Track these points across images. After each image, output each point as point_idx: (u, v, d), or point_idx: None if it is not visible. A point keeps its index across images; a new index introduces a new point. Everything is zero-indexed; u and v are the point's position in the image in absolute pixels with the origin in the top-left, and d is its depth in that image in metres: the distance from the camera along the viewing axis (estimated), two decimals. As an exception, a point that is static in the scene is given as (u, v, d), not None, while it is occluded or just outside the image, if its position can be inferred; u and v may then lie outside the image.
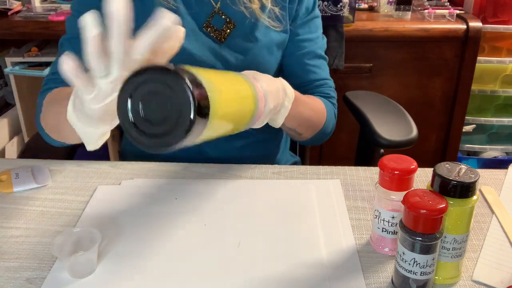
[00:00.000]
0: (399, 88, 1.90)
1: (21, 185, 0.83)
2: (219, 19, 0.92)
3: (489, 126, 2.08)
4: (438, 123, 1.98)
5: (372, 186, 0.85)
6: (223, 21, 0.93)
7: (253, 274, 0.66)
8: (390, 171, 0.65)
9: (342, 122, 1.16)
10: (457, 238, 0.62)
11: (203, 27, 0.92)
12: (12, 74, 1.89)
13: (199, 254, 0.69)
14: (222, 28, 0.92)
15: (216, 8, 0.92)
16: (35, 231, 0.74)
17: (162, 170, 0.89)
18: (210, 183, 0.85)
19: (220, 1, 0.92)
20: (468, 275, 0.66)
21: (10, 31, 1.80)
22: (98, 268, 0.67)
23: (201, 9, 0.92)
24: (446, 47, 1.85)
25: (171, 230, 0.74)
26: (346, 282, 0.64)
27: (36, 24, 1.79)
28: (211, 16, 0.92)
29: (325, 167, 0.90)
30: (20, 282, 0.64)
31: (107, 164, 0.91)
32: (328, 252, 0.70)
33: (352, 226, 0.75)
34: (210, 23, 0.92)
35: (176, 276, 0.65)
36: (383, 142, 1.05)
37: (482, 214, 0.79)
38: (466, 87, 1.90)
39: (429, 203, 0.58)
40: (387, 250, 0.70)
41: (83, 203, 0.80)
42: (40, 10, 1.92)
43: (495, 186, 0.86)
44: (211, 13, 0.92)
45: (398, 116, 1.15)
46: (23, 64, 1.89)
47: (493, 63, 1.95)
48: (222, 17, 0.92)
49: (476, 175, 0.61)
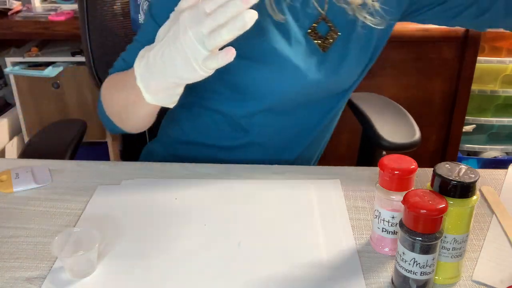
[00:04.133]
0: (399, 88, 1.90)
1: (21, 185, 0.83)
2: (324, 26, 0.89)
3: (489, 126, 2.08)
4: (438, 123, 1.98)
5: (372, 186, 0.85)
6: (327, 28, 0.89)
7: (253, 274, 0.66)
8: (390, 171, 0.65)
9: (343, 122, 1.15)
10: (457, 238, 0.62)
11: (307, 33, 0.88)
12: (12, 74, 1.89)
13: (199, 254, 0.69)
14: (326, 36, 0.89)
15: (323, 14, 0.88)
16: (35, 231, 0.74)
17: (162, 170, 0.89)
18: (210, 183, 0.85)
19: (327, 6, 0.88)
20: (468, 275, 0.66)
21: (10, 31, 1.81)
22: (98, 268, 0.67)
23: (306, 15, 0.88)
24: (446, 47, 1.85)
25: (171, 230, 0.74)
26: (346, 282, 0.64)
27: (36, 24, 1.79)
28: (317, 22, 0.88)
29: (325, 167, 0.90)
30: (20, 282, 0.64)
31: (107, 164, 0.91)
32: (328, 252, 0.70)
33: (352, 226, 0.75)
34: (315, 29, 0.88)
35: (176, 276, 0.65)
36: (386, 144, 1.05)
37: (482, 214, 0.79)
38: (466, 87, 1.90)
39: (429, 203, 0.58)
40: (387, 250, 0.70)
41: (83, 203, 0.80)
42: (40, 10, 1.92)
43: (495, 186, 0.86)
44: (317, 19, 0.88)
45: (400, 118, 1.15)
46: (23, 64, 1.89)
47: (493, 63, 1.95)
48: (328, 25, 0.88)
49: (476, 175, 0.61)
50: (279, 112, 0.93)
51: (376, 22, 0.89)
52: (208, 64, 0.63)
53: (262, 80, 0.87)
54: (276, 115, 0.93)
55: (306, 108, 0.94)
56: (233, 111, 0.93)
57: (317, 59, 0.89)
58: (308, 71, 0.88)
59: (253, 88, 0.88)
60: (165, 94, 0.72)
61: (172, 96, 0.73)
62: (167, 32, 0.67)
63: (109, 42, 1.13)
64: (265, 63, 0.86)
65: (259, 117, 0.92)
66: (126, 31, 1.16)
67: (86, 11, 1.08)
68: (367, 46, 0.93)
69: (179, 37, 0.64)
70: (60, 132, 1.14)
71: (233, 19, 0.59)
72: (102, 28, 1.12)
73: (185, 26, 0.63)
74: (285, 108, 0.92)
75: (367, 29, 0.91)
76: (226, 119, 0.94)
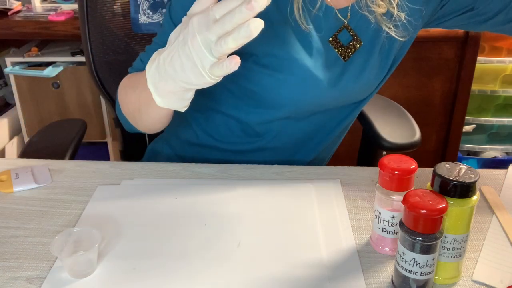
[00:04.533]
0: (399, 88, 1.90)
1: (21, 185, 0.83)
2: (346, 35, 0.88)
3: (489, 126, 2.08)
4: (438, 123, 1.98)
5: (372, 186, 0.85)
6: (350, 38, 0.88)
7: (253, 274, 0.66)
8: (390, 171, 0.65)
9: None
10: (457, 238, 0.62)
11: (328, 41, 0.87)
12: (12, 74, 1.89)
13: (199, 254, 0.69)
14: (348, 45, 0.88)
15: (345, 23, 0.87)
16: (35, 231, 0.74)
17: (162, 170, 0.89)
18: (210, 183, 0.85)
19: (350, 15, 0.87)
20: (468, 275, 0.66)
21: (10, 31, 1.81)
22: (98, 268, 0.67)
23: (329, 24, 0.87)
24: (446, 47, 1.85)
25: (171, 230, 0.74)
26: (346, 282, 0.64)
27: (36, 24, 1.80)
28: (339, 30, 0.87)
29: (325, 167, 0.90)
30: (20, 282, 0.64)
31: (107, 164, 0.91)
32: (328, 252, 0.70)
33: (352, 226, 0.75)
34: (337, 37, 0.87)
35: (176, 276, 0.65)
36: (386, 144, 1.05)
37: (482, 214, 0.79)
38: (466, 87, 1.90)
39: (429, 203, 0.58)
40: (387, 250, 0.70)
41: (83, 203, 0.80)
42: (40, 10, 1.92)
43: (495, 186, 0.86)
44: (340, 28, 0.87)
45: (400, 118, 1.15)
46: (23, 64, 1.89)
47: (493, 63, 1.95)
48: (350, 34, 0.88)
49: (476, 175, 0.61)
50: (295, 119, 0.92)
51: (400, 34, 0.88)
52: (214, 71, 0.63)
53: (281, 90, 0.86)
54: (292, 122, 0.92)
55: (323, 116, 0.94)
56: (249, 118, 0.92)
57: (339, 69, 0.88)
58: (328, 81, 0.87)
59: (272, 97, 0.87)
60: (175, 98, 0.72)
61: (183, 101, 0.73)
62: (177, 36, 0.67)
63: (109, 42, 1.14)
64: (285, 73, 0.85)
65: (275, 124, 0.92)
66: (126, 31, 1.16)
67: (86, 11, 1.08)
68: (388, 57, 0.92)
69: (188, 42, 0.63)
70: (60, 132, 1.14)
71: (238, 27, 0.59)
72: (102, 28, 1.12)
73: (194, 31, 0.63)
74: (301, 116, 0.92)
75: (390, 40, 0.90)
76: (241, 125, 0.93)
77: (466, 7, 0.92)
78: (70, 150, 1.03)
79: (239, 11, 0.58)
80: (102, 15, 1.11)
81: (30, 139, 1.10)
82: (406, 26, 0.89)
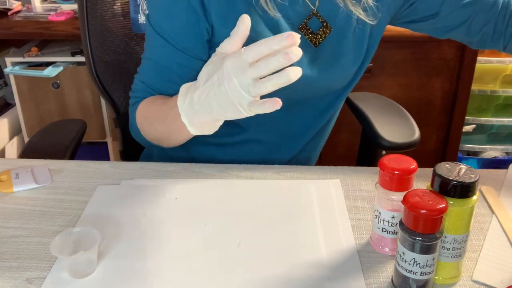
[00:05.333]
0: (399, 88, 1.90)
1: (21, 185, 0.83)
2: (316, 22, 0.90)
3: (489, 126, 2.08)
4: (438, 123, 1.98)
5: (372, 186, 0.85)
6: (319, 24, 0.90)
7: (253, 274, 0.66)
8: (390, 171, 0.65)
9: (342, 122, 1.16)
10: (457, 238, 0.62)
11: (298, 28, 0.89)
12: (12, 74, 1.89)
13: (199, 254, 0.69)
14: (318, 32, 0.90)
15: (314, 10, 0.89)
16: (35, 231, 0.74)
17: (162, 170, 0.89)
18: (210, 183, 0.85)
19: (318, 2, 0.89)
20: (468, 275, 0.66)
21: (10, 31, 1.81)
22: (98, 268, 0.67)
23: (296, 12, 0.88)
24: (446, 47, 1.85)
25: (171, 230, 0.74)
26: (346, 282, 0.64)
27: (36, 24, 1.79)
28: (308, 18, 0.89)
29: (325, 167, 0.90)
30: (20, 282, 0.64)
31: (107, 164, 0.91)
32: (328, 252, 0.70)
33: (352, 226, 0.75)
34: (306, 24, 0.89)
35: (176, 276, 0.65)
36: (386, 144, 1.05)
37: (482, 214, 0.79)
38: (466, 87, 1.90)
39: (429, 203, 0.58)
40: (387, 250, 0.70)
41: (83, 203, 0.80)
42: (40, 10, 1.92)
43: (495, 186, 0.86)
44: (309, 15, 0.89)
45: (400, 118, 1.16)
46: (23, 64, 1.89)
47: (493, 63, 1.95)
48: (319, 20, 0.90)
49: (476, 175, 0.61)
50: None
51: (369, 18, 0.91)
52: (253, 109, 0.67)
53: None
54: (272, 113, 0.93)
55: (303, 106, 0.95)
56: None
57: (309, 55, 0.90)
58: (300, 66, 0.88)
59: None
60: (208, 127, 0.76)
61: (214, 128, 0.77)
62: (210, 76, 0.70)
63: (109, 42, 1.14)
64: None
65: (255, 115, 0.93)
66: (126, 31, 1.16)
67: (86, 11, 1.08)
68: (361, 44, 0.94)
69: (223, 83, 0.67)
70: (60, 132, 1.14)
71: (278, 75, 0.63)
72: (102, 28, 1.12)
73: (230, 74, 0.66)
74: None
75: (361, 27, 0.92)
76: None
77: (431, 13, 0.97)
78: (70, 150, 1.03)
79: (276, 60, 0.62)
80: (102, 15, 1.11)
81: (30, 139, 1.10)
82: (374, 10, 0.91)
